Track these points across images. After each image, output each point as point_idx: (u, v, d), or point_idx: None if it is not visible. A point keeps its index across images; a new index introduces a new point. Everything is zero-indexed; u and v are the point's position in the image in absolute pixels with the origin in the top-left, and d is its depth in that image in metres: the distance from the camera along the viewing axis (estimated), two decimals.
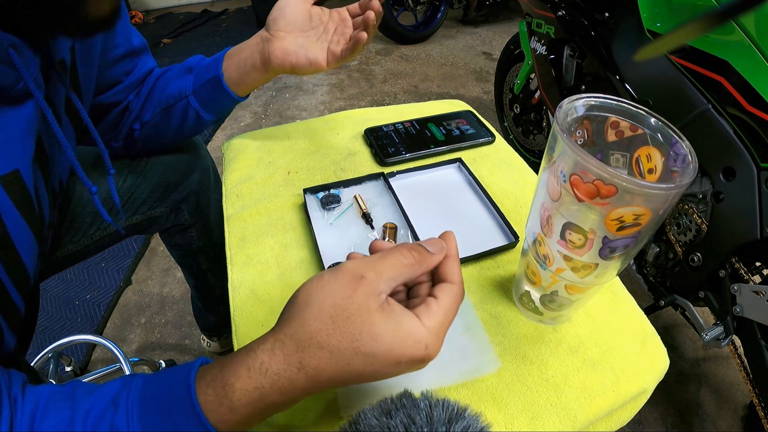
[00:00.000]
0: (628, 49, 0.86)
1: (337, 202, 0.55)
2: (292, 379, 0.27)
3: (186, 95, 0.55)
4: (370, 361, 0.27)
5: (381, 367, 0.27)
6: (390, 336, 0.27)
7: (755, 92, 0.64)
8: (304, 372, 0.27)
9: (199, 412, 0.27)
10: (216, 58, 0.55)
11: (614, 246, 0.31)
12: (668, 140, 0.32)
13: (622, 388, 0.40)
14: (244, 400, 0.27)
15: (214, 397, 0.27)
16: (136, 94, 0.58)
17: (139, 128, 0.58)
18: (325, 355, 0.27)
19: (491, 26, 2.82)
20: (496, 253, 0.51)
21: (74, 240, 0.60)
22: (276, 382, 0.27)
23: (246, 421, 0.28)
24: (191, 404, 0.27)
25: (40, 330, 1.12)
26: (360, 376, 0.27)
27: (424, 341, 0.28)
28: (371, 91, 2.14)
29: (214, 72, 0.53)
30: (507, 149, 0.67)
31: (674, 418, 0.99)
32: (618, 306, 0.47)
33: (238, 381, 0.27)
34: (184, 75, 0.56)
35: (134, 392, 0.29)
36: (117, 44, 0.52)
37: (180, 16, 3.07)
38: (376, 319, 0.27)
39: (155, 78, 0.58)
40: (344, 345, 0.27)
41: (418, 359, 0.28)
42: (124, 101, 0.57)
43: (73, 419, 0.28)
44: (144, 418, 0.28)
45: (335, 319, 0.27)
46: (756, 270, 0.79)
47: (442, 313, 0.29)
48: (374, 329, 0.27)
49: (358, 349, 0.27)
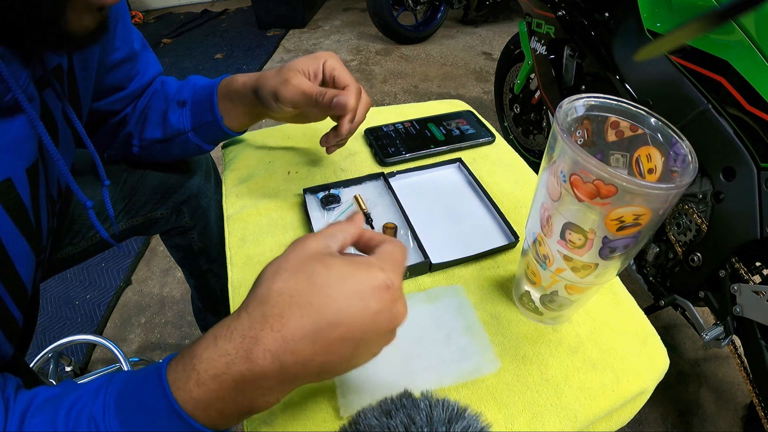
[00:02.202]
0: (628, 49, 0.86)
1: (337, 202, 0.55)
2: (257, 337, 0.26)
3: (185, 131, 0.54)
4: (328, 293, 0.27)
5: (345, 302, 0.27)
6: (343, 266, 0.28)
7: (755, 92, 0.64)
8: (269, 326, 0.26)
9: (167, 391, 0.27)
10: (208, 97, 0.52)
11: (614, 246, 0.31)
12: (668, 140, 0.32)
13: (622, 388, 0.40)
14: (210, 371, 0.26)
15: (182, 373, 0.27)
16: (134, 107, 0.56)
17: (138, 146, 0.57)
18: (285, 300, 0.27)
19: (491, 26, 2.82)
20: (496, 253, 0.51)
21: (74, 242, 0.60)
22: (241, 345, 0.26)
23: (215, 401, 0.27)
24: (160, 383, 0.27)
25: (40, 330, 1.12)
26: (329, 322, 0.27)
27: (377, 265, 0.29)
28: (371, 91, 2.14)
29: (211, 116, 0.52)
30: (507, 149, 0.67)
31: (674, 418, 0.99)
32: (618, 306, 0.47)
33: (205, 351, 0.27)
34: (178, 109, 0.54)
35: (114, 385, 0.29)
36: (116, 47, 0.50)
37: (180, 16, 3.07)
38: (329, 259, 0.29)
39: (151, 93, 0.57)
40: (302, 284, 0.27)
41: (381, 286, 0.28)
42: (122, 112, 0.56)
43: (56, 414, 0.28)
44: (120, 406, 0.28)
45: (292, 269, 0.28)
46: (756, 270, 0.79)
47: (388, 245, 0.31)
48: (328, 262, 0.28)
49: (314, 282, 0.27)
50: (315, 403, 0.38)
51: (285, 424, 0.37)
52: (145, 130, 0.56)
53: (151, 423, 0.27)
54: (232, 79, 0.52)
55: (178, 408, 0.27)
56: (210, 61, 2.42)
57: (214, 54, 2.50)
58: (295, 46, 2.58)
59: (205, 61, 2.42)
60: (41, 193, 0.39)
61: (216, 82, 0.53)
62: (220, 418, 0.28)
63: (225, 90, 0.52)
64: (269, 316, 0.27)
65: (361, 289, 0.27)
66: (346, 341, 0.27)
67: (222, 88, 0.52)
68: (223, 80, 0.53)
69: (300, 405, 0.38)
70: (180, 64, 2.39)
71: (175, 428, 0.27)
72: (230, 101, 0.52)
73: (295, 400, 0.38)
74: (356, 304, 0.27)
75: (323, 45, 2.60)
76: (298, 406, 0.38)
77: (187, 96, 0.54)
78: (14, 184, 0.34)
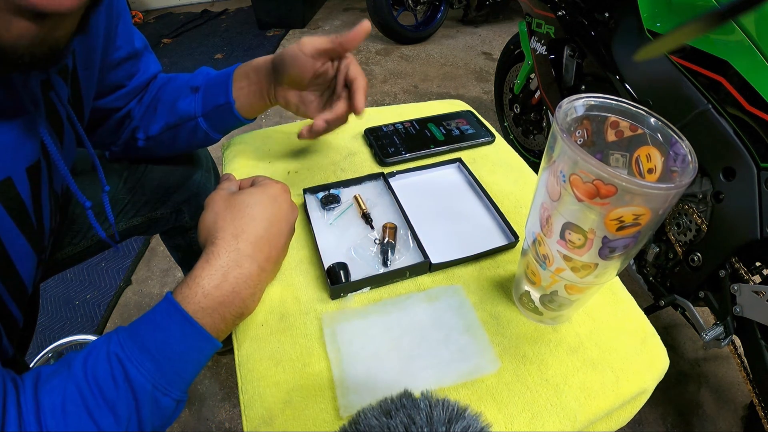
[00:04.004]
0: (628, 49, 0.86)
1: (336, 202, 0.55)
2: (238, 249, 0.37)
3: (195, 116, 0.54)
4: (260, 207, 0.40)
5: (269, 206, 0.41)
6: (252, 190, 0.42)
7: (755, 92, 0.64)
8: (241, 240, 0.38)
9: (178, 307, 0.34)
10: (224, 80, 0.53)
11: (614, 246, 0.31)
12: (668, 140, 0.32)
13: (621, 388, 0.40)
14: (213, 282, 0.35)
15: (188, 291, 0.35)
16: (139, 101, 0.56)
17: (144, 139, 0.57)
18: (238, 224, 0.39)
19: (491, 26, 2.81)
20: (496, 253, 0.51)
21: (74, 242, 0.60)
22: (229, 257, 0.37)
23: (218, 307, 0.35)
24: (171, 304, 0.34)
25: (40, 330, 1.12)
26: (269, 221, 0.40)
27: (268, 182, 0.45)
28: (371, 91, 2.14)
29: (224, 98, 0.53)
30: (507, 149, 0.67)
31: (674, 418, 0.99)
32: (618, 306, 0.47)
33: (203, 271, 0.36)
34: (191, 95, 0.55)
35: (122, 330, 0.34)
36: (118, 46, 0.51)
37: (180, 16, 3.07)
38: (238, 193, 0.43)
39: (158, 87, 0.57)
40: (236, 209, 0.40)
41: (280, 189, 0.44)
42: (125, 107, 0.56)
43: (71, 369, 0.31)
44: (135, 336, 0.33)
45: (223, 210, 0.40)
46: (756, 270, 0.79)
47: (260, 178, 0.47)
48: (240, 194, 0.42)
49: (247, 203, 0.40)
50: (315, 403, 0.38)
51: (285, 424, 0.37)
52: (153, 121, 0.56)
53: (168, 338, 0.33)
54: (249, 61, 0.53)
55: (190, 317, 0.34)
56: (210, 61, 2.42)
57: (214, 54, 2.50)
58: None
59: (205, 61, 2.42)
60: (44, 192, 0.39)
61: (233, 67, 0.54)
62: (222, 322, 0.36)
63: (242, 70, 0.53)
64: (237, 234, 0.38)
65: (272, 196, 0.42)
66: (280, 232, 0.41)
67: (239, 70, 0.53)
68: (240, 65, 0.54)
69: (300, 405, 0.38)
70: (180, 64, 2.39)
71: (188, 337, 0.34)
72: (246, 78, 0.53)
73: (295, 400, 0.38)
74: (275, 206, 0.42)
75: None
76: (298, 406, 0.38)
77: (201, 82, 0.55)
78: (14, 184, 0.34)
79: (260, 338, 0.42)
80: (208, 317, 0.35)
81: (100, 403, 0.30)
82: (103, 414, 0.30)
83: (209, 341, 0.35)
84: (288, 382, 0.39)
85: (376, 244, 0.50)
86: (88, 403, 0.30)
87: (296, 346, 0.42)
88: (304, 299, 0.46)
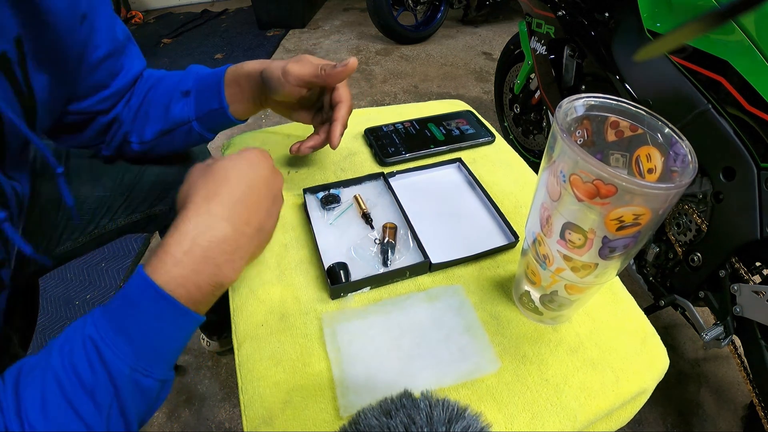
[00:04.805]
0: (628, 49, 0.86)
1: (337, 202, 0.55)
2: (209, 211, 0.35)
3: (189, 121, 0.54)
4: (236, 172, 0.38)
5: (246, 170, 0.38)
6: (229, 157, 0.39)
7: (755, 92, 0.64)
8: (213, 201, 0.35)
9: (149, 281, 0.31)
10: (216, 84, 0.52)
11: (614, 246, 0.31)
12: (668, 140, 0.32)
13: (621, 388, 0.40)
14: (182, 248, 0.33)
15: (158, 262, 0.32)
16: (126, 103, 0.54)
17: (138, 143, 0.56)
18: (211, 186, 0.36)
19: (491, 26, 2.81)
20: (496, 253, 0.51)
21: (72, 237, 0.60)
22: (199, 221, 0.34)
23: (191, 275, 0.33)
24: (141, 277, 0.32)
25: (40, 330, 1.12)
26: (248, 186, 0.38)
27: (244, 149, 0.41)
28: (371, 91, 2.14)
29: (218, 103, 0.52)
30: (507, 149, 0.67)
31: (674, 418, 0.99)
32: (618, 306, 0.47)
33: (171, 238, 0.33)
34: (182, 99, 0.53)
35: (96, 310, 0.32)
36: (97, 45, 0.46)
37: (180, 16, 3.07)
38: (218, 160, 0.39)
39: (147, 88, 0.55)
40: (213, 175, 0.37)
41: (256, 153, 0.41)
42: (112, 111, 0.53)
43: (49, 359, 0.30)
44: (110, 316, 0.32)
45: (199, 178, 0.38)
46: (756, 270, 0.79)
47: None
48: (218, 161, 0.39)
49: (224, 168, 0.38)
50: (315, 403, 0.38)
51: (285, 424, 0.37)
52: (146, 126, 0.55)
53: (141, 315, 0.31)
54: (240, 65, 0.52)
55: (161, 291, 0.31)
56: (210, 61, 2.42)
57: (214, 54, 2.50)
58: (295, 46, 2.58)
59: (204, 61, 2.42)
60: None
61: (222, 69, 0.53)
62: (198, 292, 0.33)
63: (233, 75, 0.52)
64: (209, 197, 0.35)
65: (251, 161, 0.39)
66: (260, 197, 0.38)
67: (230, 74, 0.52)
68: (230, 67, 0.53)
69: (300, 405, 0.38)
70: (180, 64, 2.39)
71: (163, 312, 0.32)
72: (238, 85, 0.52)
73: (295, 400, 0.38)
74: (254, 170, 0.39)
75: (323, 45, 2.60)
76: (298, 406, 0.38)
77: (191, 85, 0.54)
78: None
79: (260, 338, 0.42)
80: (181, 288, 0.32)
81: (79, 392, 0.29)
82: (83, 402, 0.29)
83: (187, 315, 0.33)
84: (288, 382, 0.39)
85: (376, 244, 0.50)
86: (66, 392, 0.29)
87: (296, 346, 0.42)
88: (304, 299, 0.46)
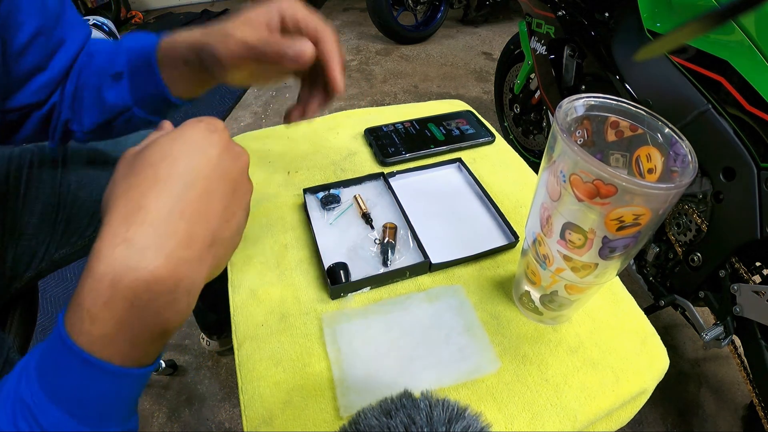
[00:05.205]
0: (628, 49, 0.86)
1: (337, 202, 0.55)
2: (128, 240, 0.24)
3: (128, 107, 0.46)
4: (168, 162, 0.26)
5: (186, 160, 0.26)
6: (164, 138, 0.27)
7: (755, 92, 0.64)
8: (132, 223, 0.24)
9: (69, 343, 0.24)
10: (146, 65, 0.43)
11: (614, 246, 0.31)
12: (668, 140, 0.32)
13: (622, 388, 0.40)
14: (98, 301, 0.23)
15: (75, 318, 0.24)
16: (61, 93, 0.47)
17: (81, 132, 0.49)
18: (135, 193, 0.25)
19: (491, 26, 2.82)
20: (496, 253, 0.51)
21: (71, 241, 0.60)
22: (115, 258, 0.23)
23: (119, 332, 0.24)
24: (61, 339, 0.24)
25: (40, 330, 1.12)
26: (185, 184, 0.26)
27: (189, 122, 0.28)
28: (371, 91, 2.14)
29: (154, 86, 0.43)
30: (507, 149, 0.67)
31: (674, 418, 0.99)
32: (618, 306, 0.47)
33: (85, 284, 0.24)
34: (115, 83, 0.45)
35: (33, 357, 0.26)
36: (21, 22, 0.39)
37: (180, 16, 3.07)
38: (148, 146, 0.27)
39: (79, 70, 0.47)
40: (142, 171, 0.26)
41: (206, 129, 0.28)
42: (48, 102, 0.46)
43: None
44: (41, 376, 0.25)
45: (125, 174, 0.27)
46: (756, 270, 0.79)
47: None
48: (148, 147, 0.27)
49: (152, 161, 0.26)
50: (315, 403, 0.38)
51: (285, 424, 0.37)
52: (83, 112, 0.47)
53: (71, 382, 0.25)
54: (173, 42, 0.42)
55: (85, 355, 0.24)
56: None
57: None
58: None
59: None
60: None
61: (152, 45, 0.43)
62: (134, 349, 0.25)
63: (168, 55, 0.42)
64: (128, 217, 0.24)
65: (192, 142, 0.27)
66: (209, 196, 0.26)
67: (163, 53, 0.42)
68: (162, 42, 0.43)
69: (300, 405, 0.38)
70: None
71: (96, 378, 0.24)
72: (175, 69, 0.43)
73: (295, 400, 0.38)
74: (197, 156, 0.26)
75: None
76: (298, 406, 0.38)
77: (123, 66, 0.45)
78: None
79: (260, 338, 0.42)
80: (110, 347, 0.24)
81: None
82: None
83: (127, 375, 0.25)
84: (288, 382, 0.39)
85: (376, 244, 0.50)
86: None
87: (296, 346, 0.42)
88: (304, 299, 0.46)
